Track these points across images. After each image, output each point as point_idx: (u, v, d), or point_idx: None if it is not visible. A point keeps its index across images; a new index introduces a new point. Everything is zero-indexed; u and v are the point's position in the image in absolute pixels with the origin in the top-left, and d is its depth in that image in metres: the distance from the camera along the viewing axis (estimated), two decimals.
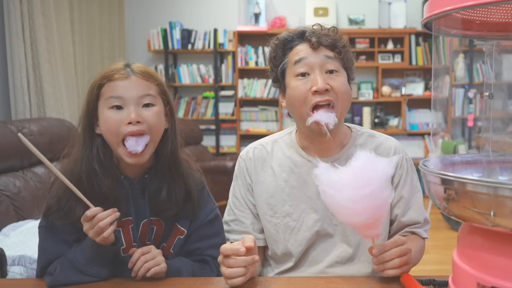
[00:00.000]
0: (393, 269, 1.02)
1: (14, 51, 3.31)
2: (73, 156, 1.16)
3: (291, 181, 1.25)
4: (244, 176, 1.30)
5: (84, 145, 1.15)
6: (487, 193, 0.71)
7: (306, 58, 1.18)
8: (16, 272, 1.93)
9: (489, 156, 0.97)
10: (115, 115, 1.11)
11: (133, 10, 5.29)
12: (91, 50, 4.50)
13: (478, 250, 0.79)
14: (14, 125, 2.72)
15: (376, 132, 1.31)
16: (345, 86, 1.19)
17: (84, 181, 1.11)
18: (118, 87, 1.12)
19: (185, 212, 1.20)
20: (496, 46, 0.97)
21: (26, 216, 2.47)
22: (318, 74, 1.16)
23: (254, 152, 1.31)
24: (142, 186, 1.17)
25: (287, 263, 1.26)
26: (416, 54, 5.09)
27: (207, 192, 1.28)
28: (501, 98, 0.99)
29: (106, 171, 1.13)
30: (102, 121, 1.12)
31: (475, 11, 0.85)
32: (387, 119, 5.19)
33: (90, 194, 1.09)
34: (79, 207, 1.10)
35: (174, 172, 1.19)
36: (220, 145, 5.26)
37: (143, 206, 1.17)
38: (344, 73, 1.21)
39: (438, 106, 1.00)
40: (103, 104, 1.12)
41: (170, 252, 1.21)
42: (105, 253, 1.09)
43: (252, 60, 5.15)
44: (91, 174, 1.12)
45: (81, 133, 1.16)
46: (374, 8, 5.14)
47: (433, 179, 0.82)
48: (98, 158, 1.13)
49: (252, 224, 1.28)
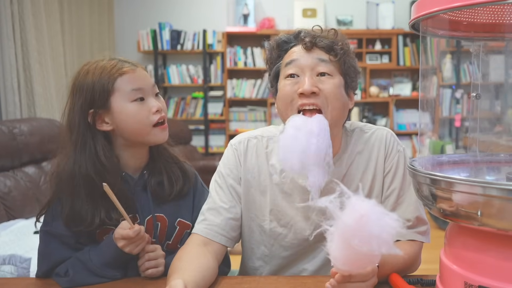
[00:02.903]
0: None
1: (4, 52, 3.30)
2: (72, 158, 1.13)
3: (282, 185, 1.20)
4: (236, 166, 1.22)
5: (87, 146, 1.13)
6: (474, 192, 0.71)
7: (297, 59, 1.11)
8: (6, 271, 1.94)
9: (476, 156, 0.97)
10: (141, 106, 1.14)
11: (123, 11, 5.25)
12: (81, 51, 4.48)
13: (465, 249, 0.79)
14: (5, 125, 2.71)
15: (367, 125, 1.25)
16: (337, 90, 1.10)
17: (93, 181, 1.11)
18: (136, 79, 1.14)
19: (184, 199, 1.23)
20: (483, 47, 0.98)
21: (16, 215, 2.48)
22: (308, 76, 1.09)
23: (249, 144, 1.24)
24: (143, 183, 1.20)
25: (267, 262, 1.23)
26: (403, 55, 5.13)
27: (200, 182, 1.31)
28: (488, 98, 1.00)
29: (113, 168, 1.13)
30: (124, 114, 1.13)
31: (462, 12, 0.86)
32: (375, 119, 5.21)
33: (97, 193, 1.10)
34: (97, 216, 1.12)
35: (168, 156, 1.24)
36: (209, 145, 5.24)
37: (147, 203, 1.19)
38: (340, 78, 1.12)
39: (425, 106, 1.00)
40: (121, 98, 1.12)
41: (177, 247, 1.22)
42: (125, 259, 1.12)
43: (241, 60, 5.15)
44: (100, 172, 1.11)
45: (79, 134, 1.13)
46: (362, 9, 5.16)
47: (421, 179, 0.82)
48: (104, 155, 1.13)
49: (230, 220, 1.19)
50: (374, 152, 1.20)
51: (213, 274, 1.10)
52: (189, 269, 1.03)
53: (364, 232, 0.81)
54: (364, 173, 1.19)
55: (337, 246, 0.85)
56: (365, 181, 1.19)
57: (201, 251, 1.12)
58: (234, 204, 1.21)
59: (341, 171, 1.18)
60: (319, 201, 0.86)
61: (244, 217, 1.23)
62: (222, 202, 1.20)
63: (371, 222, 0.81)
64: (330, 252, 0.87)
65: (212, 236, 1.16)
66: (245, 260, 1.29)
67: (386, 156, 1.20)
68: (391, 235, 0.82)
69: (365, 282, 0.93)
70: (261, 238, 1.23)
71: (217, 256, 1.15)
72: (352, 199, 0.84)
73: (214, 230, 1.17)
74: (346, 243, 0.83)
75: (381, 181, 1.20)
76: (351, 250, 0.83)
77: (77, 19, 4.41)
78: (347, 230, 0.83)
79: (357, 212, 0.82)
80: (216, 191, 1.22)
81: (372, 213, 0.82)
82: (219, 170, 1.25)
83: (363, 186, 1.16)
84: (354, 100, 1.20)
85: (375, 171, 1.19)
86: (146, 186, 1.20)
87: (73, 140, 1.14)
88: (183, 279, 0.96)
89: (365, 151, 1.21)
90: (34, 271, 1.19)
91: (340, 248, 0.85)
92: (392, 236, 0.82)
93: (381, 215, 0.82)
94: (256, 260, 1.26)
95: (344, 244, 0.84)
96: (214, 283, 1.09)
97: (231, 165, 1.23)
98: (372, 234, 0.81)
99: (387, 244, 0.82)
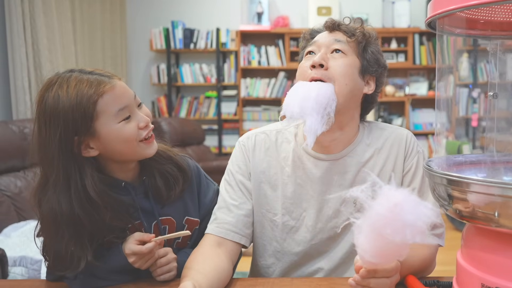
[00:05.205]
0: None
1: (15, 50, 3.32)
2: (54, 198, 1.01)
3: (295, 177, 1.20)
4: (245, 162, 1.23)
5: (71, 181, 1.01)
6: (492, 193, 0.70)
7: (318, 40, 1.18)
8: (17, 273, 1.94)
9: (494, 156, 0.96)
10: (129, 124, 1.04)
11: (135, 9, 5.29)
12: (93, 50, 4.50)
13: (482, 251, 0.78)
14: (15, 125, 2.72)
15: (386, 124, 1.27)
16: (346, 68, 1.13)
17: (79, 220, 1.02)
18: (118, 97, 1.03)
19: (189, 196, 1.21)
20: (501, 46, 0.96)
21: (27, 216, 2.47)
22: (322, 52, 1.14)
23: (256, 139, 1.25)
24: (144, 189, 1.16)
25: (279, 260, 1.23)
26: (420, 54, 5.08)
27: (204, 175, 1.28)
28: (505, 97, 0.98)
29: (112, 187, 1.08)
30: (114, 136, 1.03)
31: (479, 10, 0.84)
32: (391, 119, 5.17)
33: (84, 234, 1.03)
34: (83, 260, 1.03)
35: (161, 158, 1.17)
36: (222, 145, 5.25)
37: (150, 209, 1.16)
38: (355, 59, 1.16)
39: (442, 106, 0.99)
40: (107, 121, 1.02)
41: (187, 243, 1.22)
42: (133, 268, 1.09)
43: (254, 59, 5.15)
44: (87, 211, 1.02)
45: (60, 169, 1.00)
46: (377, 7, 5.13)
47: (437, 179, 0.81)
48: (94, 189, 1.02)
49: (241, 216, 1.19)
50: (394, 150, 1.20)
51: (227, 276, 1.09)
52: (202, 271, 1.03)
53: (397, 221, 0.79)
54: (382, 171, 1.19)
55: (367, 237, 0.84)
56: (383, 178, 1.18)
57: (215, 251, 1.12)
58: (244, 200, 1.21)
59: (357, 161, 1.19)
60: (350, 191, 0.84)
61: (256, 213, 1.23)
62: (232, 200, 1.21)
63: (405, 210, 0.79)
64: (358, 244, 0.85)
65: (225, 234, 1.16)
66: (257, 258, 1.28)
67: (406, 156, 1.20)
68: (426, 224, 0.80)
69: (389, 278, 0.92)
70: (273, 233, 1.22)
71: (231, 257, 1.15)
72: (385, 188, 0.83)
73: (226, 228, 1.17)
74: (377, 233, 0.81)
75: (400, 180, 1.20)
76: (381, 241, 0.81)
77: (89, 17, 4.43)
78: (378, 220, 0.81)
79: (391, 201, 0.80)
80: (226, 189, 1.23)
81: (407, 201, 0.80)
82: (228, 168, 1.26)
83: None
84: (374, 88, 1.21)
85: (394, 170, 1.20)
86: (147, 193, 1.15)
87: (53, 178, 1.01)
88: (196, 281, 0.96)
89: (385, 149, 1.21)
90: (45, 273, 1.18)
91: (369, 239, 0.83)
92: (427, 225, 0.80)
93: (415, 204, 0.80)
94: (268, 257, 1.25)
95: (374, 235, 0.82)
96: (227, 285, 1.08)
97: (239, 162, 1.24)
98: (406, 223, 0.79)
99: (422, 233, 0.80)
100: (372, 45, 1.20)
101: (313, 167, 1.19)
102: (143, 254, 1.05)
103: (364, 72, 1.17)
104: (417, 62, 5.08)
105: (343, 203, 1.16)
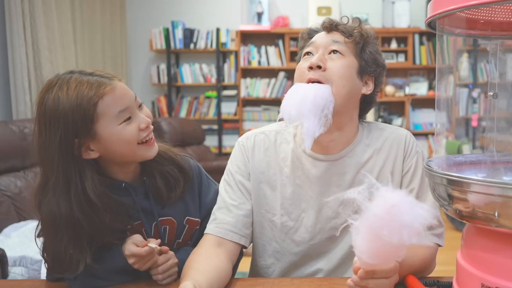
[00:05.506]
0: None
1: (15, 50, 3.32)
2: (53, 201, 1.01)
3: (293, 178, 1.20)
4: (244, 162, 1.23)
5: (71, 184, 1.00)
6: (492, 193, 0.70)
7: (315, 41, 1.17)
8: (17, 273, 1.94)
9: (494, 156, 0.96)
10: (130, 126, 1.04)
11: (135, 9, 5.29)
12: (93, 50, 4.50)
13: (482, 251, 0.78)
14: (15, 125, 2.72)
15: (385, 125, 1.27)
16: (344, 69, 1.12)
17: (78, 223, 1.01)
18: (119, 99, 1.02)
19: (190, 196, 1.20)
20: (501, 46, 0.96)
21: (27, 216, 2.47)
22: (319, 53, 1.14)
23: (256, 139, 1.24)
24: (144, 190, 1.15)
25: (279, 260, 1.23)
26: (420, 54, 5.08)
27: (205, 175, 1.27)
28: (505, 97, 0.98)
29: (112, 188, 1.07)
30: (115, 138, 1.02)
31: (479, 10, 0.84)
32: (391, 119, 5.17)
33: (83, 236, 1.03)
34: (82, 263, 1.03)
35: (162, 159, 1.16)
36: (222, 145, 5.25)
37: (150, 209, 1.15)
38: (353, 60, 1.15)
39: (442, 106, 0.99)
40: (108, 123, 1.01)
41: (188, 243, 1.22)
42: (133, 269, 1.08)
43: (254, 59, 5.15)
44: (104, 200, 1.03)
45: (60, 172, 1.00)
46: (377, 7, 5.13)
47: (437, 179, 0.81)
48: (94, 192, 1.01)
49: (241, 216, 1.19)
50: (393, 151, 1.20)
51: (227, 276, 1.09)
52: (201, 270, 1.03)
53: (394, 222, 0.79)
54: (381, 171, 1.19)
55: (364, 238, 0.84)
56: (382, 179, 1.18)
57: (214, 252, 1.12)
58: (243, 200, 1.21)
59: (356, 161, 1.19)
60: (348, 193, 0.85)
61: (255, 214, 1.23)
62: (231, 200, 1.21)
63: (402, 211, 0.80)
64: (355, 246, 0.86)
65: (224, 235, 1.16)
66: (256, 258, 1.28)
67: (405, 156, 1.20)
68: (422, 225, 0.80)
69: (387, 279, 0.92)
70: (272, 234, 1.22)
71: (231, 257, 1.15)
72: (382, 190, 0.83)
73: (225, 228, 1.17)
74: (374, 234, 0.82)
75: (399, 181, 1.20)
76: (378, 242, 0.82)
77: (89, 17, 4.43)
78: (375, 221, 0.81)
79: (388, 202, 0.80)
80: (225, 189, 1.23)
81: (403, 203, 0.80)
82: (227, 168, 1.26)
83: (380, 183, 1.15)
84: (372, 88, 1.20)
85: (393, 170, 1.19)
86: (147, 193, 1.15)
87: (53, 180, 1.01)
88: (196, 281, 0.96)
89: (384, 149, 1.21)
90: (44, 273, 1.17)
91: (366, 240, 0.84)
92: (424, 226, 0.80)
93: (412, 205, 0.81)
94: (268, 257, 1.25)
95: (371, 236, 0.82)
96: (227, 285, 1.08)
97: (239, 162, 1.24)
98: (403, 224, 0.79)
99: (418, 234, 0.80)
100: (370, 45, 1.19)
101: (311, 168, 1.19)
102: (142, 256, 1.05)
103: (362, 73, 1.17)
104: (417, 62, 5.08)
105: (342, 204, 1.16)
